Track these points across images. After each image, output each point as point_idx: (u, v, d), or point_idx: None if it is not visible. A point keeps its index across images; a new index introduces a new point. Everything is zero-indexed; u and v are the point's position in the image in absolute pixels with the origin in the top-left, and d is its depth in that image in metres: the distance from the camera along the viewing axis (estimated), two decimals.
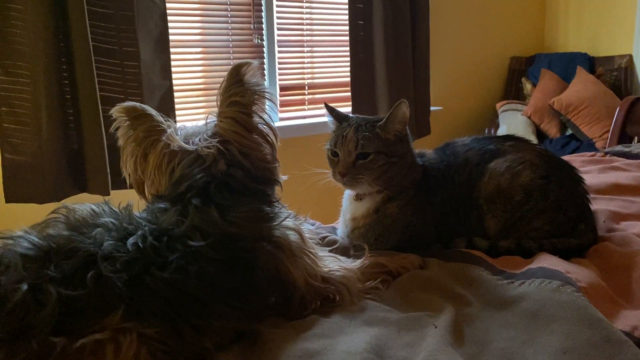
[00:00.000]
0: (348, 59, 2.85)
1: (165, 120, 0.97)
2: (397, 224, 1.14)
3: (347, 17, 2.80)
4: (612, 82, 3.52)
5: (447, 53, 3.50)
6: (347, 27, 2.81)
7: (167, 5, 2.23)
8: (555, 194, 1.13)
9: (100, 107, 1.99)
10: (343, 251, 1.14)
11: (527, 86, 3.71)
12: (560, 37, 4.02)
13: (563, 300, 0.82)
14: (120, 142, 0.98)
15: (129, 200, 0.87)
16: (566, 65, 3.65)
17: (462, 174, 1.18)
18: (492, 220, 1.14)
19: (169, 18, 2.24)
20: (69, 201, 2.01)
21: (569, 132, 3.37)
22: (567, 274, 0.91)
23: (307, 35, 2.99)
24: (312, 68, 3.04)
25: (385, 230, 1.15)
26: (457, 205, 1.17)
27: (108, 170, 2.03)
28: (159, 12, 2.17)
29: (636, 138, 2.59)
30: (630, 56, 3.54)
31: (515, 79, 3.91)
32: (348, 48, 2.83)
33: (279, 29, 2.85)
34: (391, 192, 1.14)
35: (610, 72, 3.55)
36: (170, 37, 2.23)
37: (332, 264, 0.99)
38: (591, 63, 3.65)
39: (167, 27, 2.20)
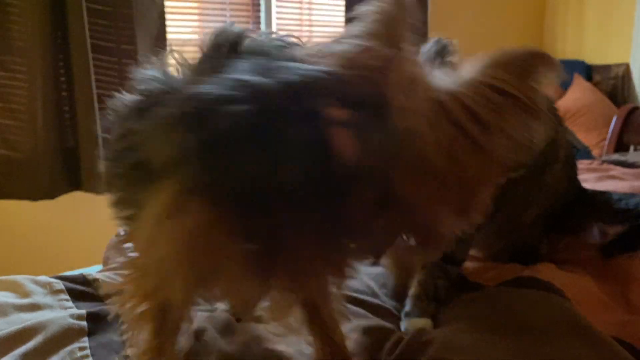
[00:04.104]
0: None
1: None
2: None
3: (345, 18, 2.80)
4: (609, 90, 3.52)
5: None
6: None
7: (166, 3, 2.23)
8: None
9: (96, 104, 1.99)
10: None
11: None
12: (558, 45, 4.02)
13: (555, 313, 0.81)
14: None
15: None
16: (563, 72, 3.66)
17: None
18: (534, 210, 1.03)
19: (167, 16, 2.23)
20: (62, 199, 2.00)
21: None
22: (559, 285, 0.90)
23: (306, 36, 2.97)
24: None
25: None
26: None
27: None
28: (157, 10, 2.16)
29: (632, 147, 2.60)
30: (627, 65, 3.54)
31: None
32: None
33: (277, 30, 2.84)
34: None
35: (607, 80, 3.56)
36: (168, 36, 2.22)
37: None
38: (588, 71, 3.65)
39: (165, 26, 2.19)
